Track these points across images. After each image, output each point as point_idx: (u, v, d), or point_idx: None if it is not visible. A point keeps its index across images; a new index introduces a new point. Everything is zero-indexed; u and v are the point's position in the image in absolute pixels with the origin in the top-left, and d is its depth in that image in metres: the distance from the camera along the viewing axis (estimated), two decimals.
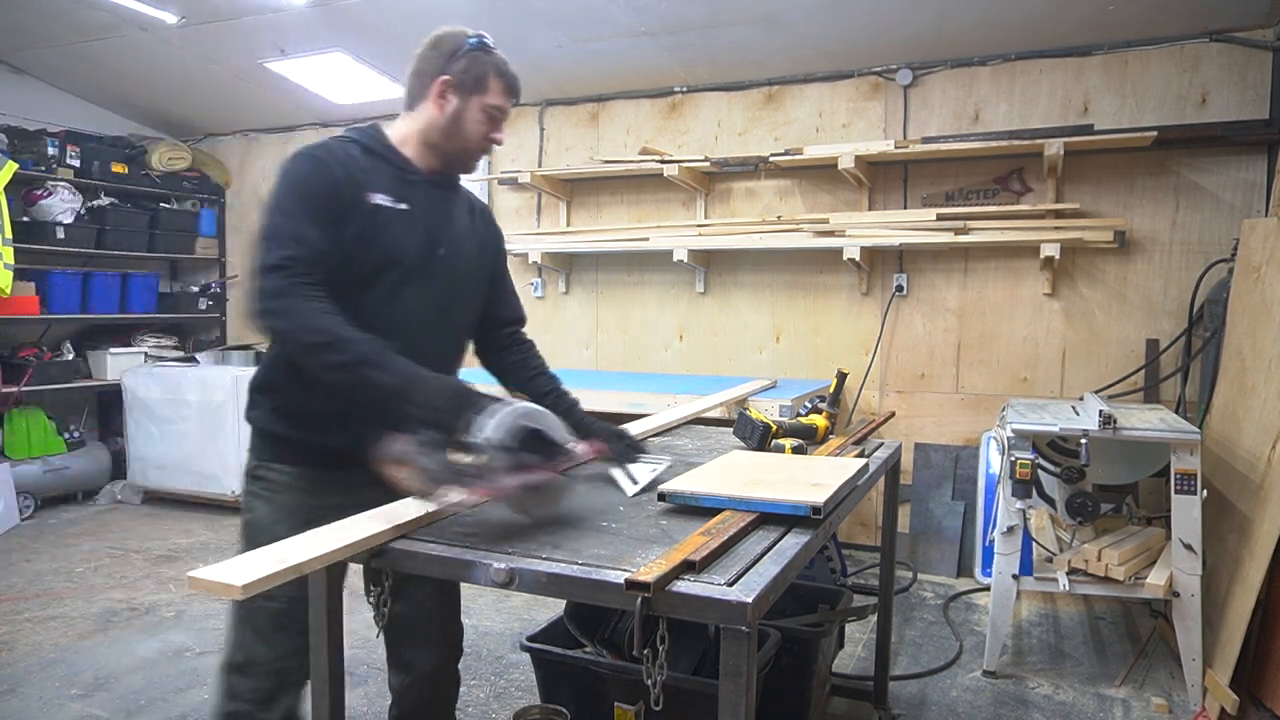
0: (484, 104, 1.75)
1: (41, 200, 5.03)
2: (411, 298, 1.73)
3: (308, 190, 1.62)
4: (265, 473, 1.76)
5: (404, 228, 1.72)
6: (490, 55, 1.77)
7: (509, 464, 1.39)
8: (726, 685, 1.15)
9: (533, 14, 3.98)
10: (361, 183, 1.67)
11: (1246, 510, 2.76)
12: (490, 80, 1.76)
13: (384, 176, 1.72)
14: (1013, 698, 2.81)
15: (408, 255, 1.72)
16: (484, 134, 1.78)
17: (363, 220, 1.66)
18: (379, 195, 1.68)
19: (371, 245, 1.68)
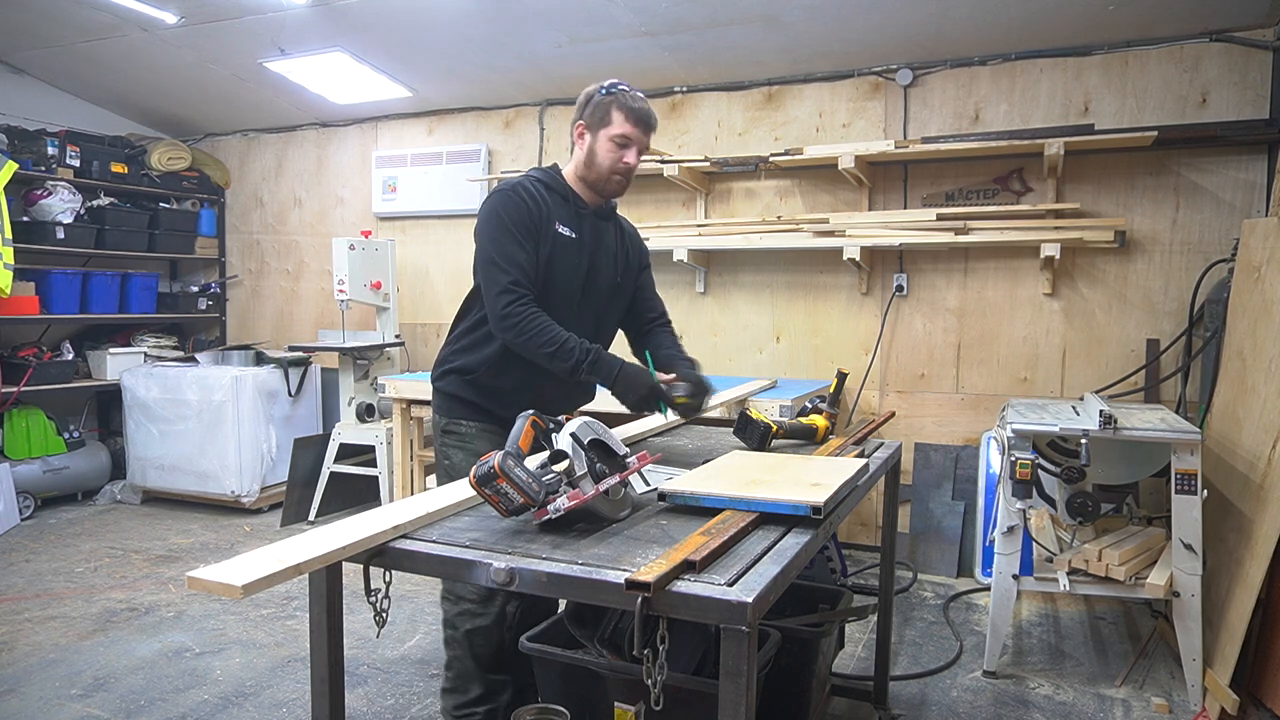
0: (610, 135, 2.13)
1: (41, 200, 5.03)
2: (575, 314, 2.16)
3: (515, 220, 2.06)
4: (457, 427, 2.23)
5: (576, 252, 2.16)
6: (613, 95, 2.17)
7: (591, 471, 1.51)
8: (726, 685, 1.15)
9: (533, 14, 3.98)
10: (550, 214, 2.12)
11: (1247, 510, 2.75)
12: (613, 113, 2.15)
13: (563, 210, 2.15)
14: (1013, 698, 2.80)
15: (578, 274, 2.16)
16: (615, 160, 2.14)
17: (551, 245, 2.11)
18: (563, 226, 2.13)
19: (555, 266, 2.12)
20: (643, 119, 2.17)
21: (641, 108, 2.18)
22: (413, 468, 4.46)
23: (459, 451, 2.23)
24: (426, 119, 5.32)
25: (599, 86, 2.20)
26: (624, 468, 1.58)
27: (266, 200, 5.97)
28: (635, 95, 2.18)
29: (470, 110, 5.16)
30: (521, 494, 1.40)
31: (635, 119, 2.15)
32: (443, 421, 2.26)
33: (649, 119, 2.19)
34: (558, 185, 2.19)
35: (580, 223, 2.18)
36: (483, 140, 5.14)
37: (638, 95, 2.19)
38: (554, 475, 1.47)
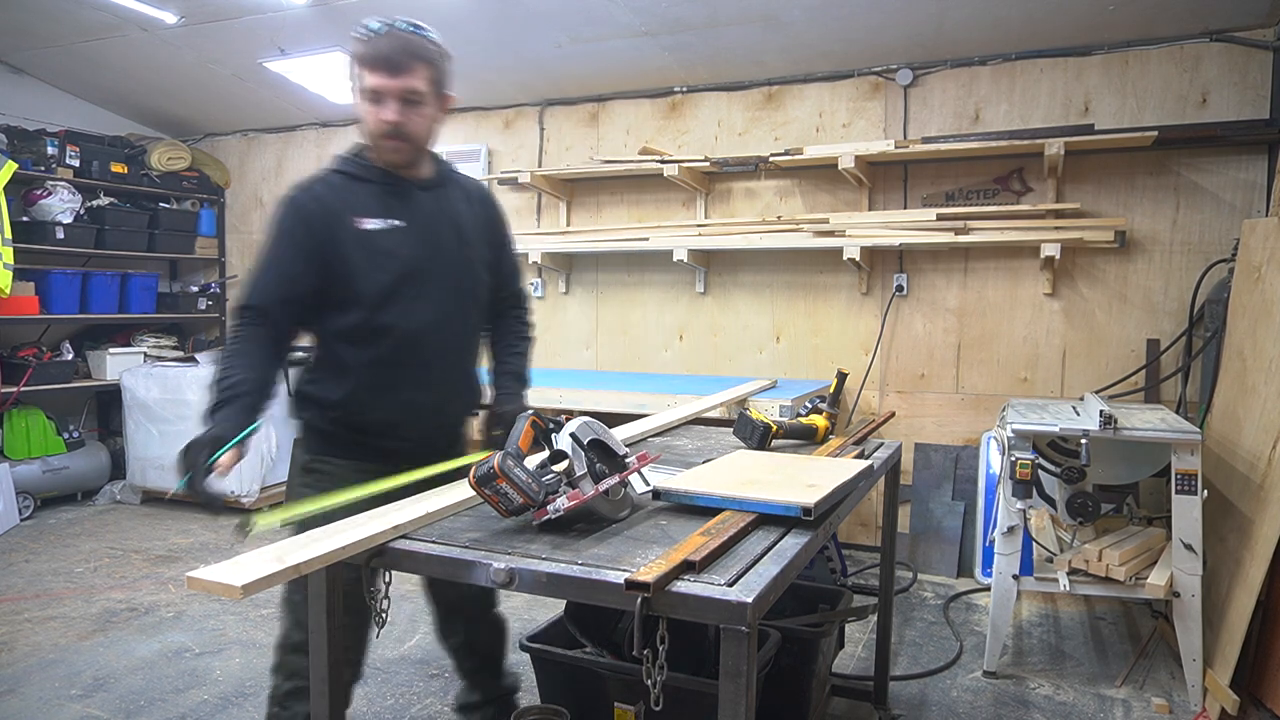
0: (362, 92, 1.76)
1: (41, 200, 5.03)
2: (425, 307, 1.85)
3: (282, 236, 1.78)
4: (320, 465, 1.90)
5: (400, 245, 1.82)
6: (353, 44, 1.76)
7: (590, 471, 1.50)
8: (726, 685, 1.15)
9: (533, 14, 3.98)
10: (347, 211, 1.79)
11: (1247, 510, 2.75)
12: (356, 68, 1.76)
13: (373, 198, 1.82)
14: (1013, 698, 2.80)
15: (409, 271, 1.83)
16: (375, 121, 1.77)
17: (355, 247, 1.78)
18: (369, 220, 1.80)
19: (368, 270, 1.79)
20: (383, 56, 1.72)
21: (382, 44, 1.72)
22: None
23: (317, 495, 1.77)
24: None
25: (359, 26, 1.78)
26: (624, 468, 1.58)
27: (267, 200, 5.97)
28: (375, 32, 1.74)
29: (470, 110, 5.16)
30: (521, 494, 1.40)
31: (374, 61, 1.72)
32: (304, 458, 1.91)
33: (389, 54, 1.72)
34: (361, 169, 1.84)
35: (401, 204, 1.84)
36: (483, 140, 5.14)
37: (380, 31, 1.74)
38: (554, 475, 1.47)
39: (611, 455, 1.60)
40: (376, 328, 1.82)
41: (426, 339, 1.87)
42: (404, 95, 1.75)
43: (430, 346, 1.88)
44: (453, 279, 1.91)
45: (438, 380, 1.91)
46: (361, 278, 1.79)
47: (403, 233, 1.83)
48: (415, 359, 1.86)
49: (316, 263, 1.77)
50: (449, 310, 1.91)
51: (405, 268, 1.83)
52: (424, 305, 1.85)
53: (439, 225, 1.89)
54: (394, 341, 1.83)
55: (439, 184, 1.92)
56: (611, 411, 3.73)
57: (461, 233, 1.93)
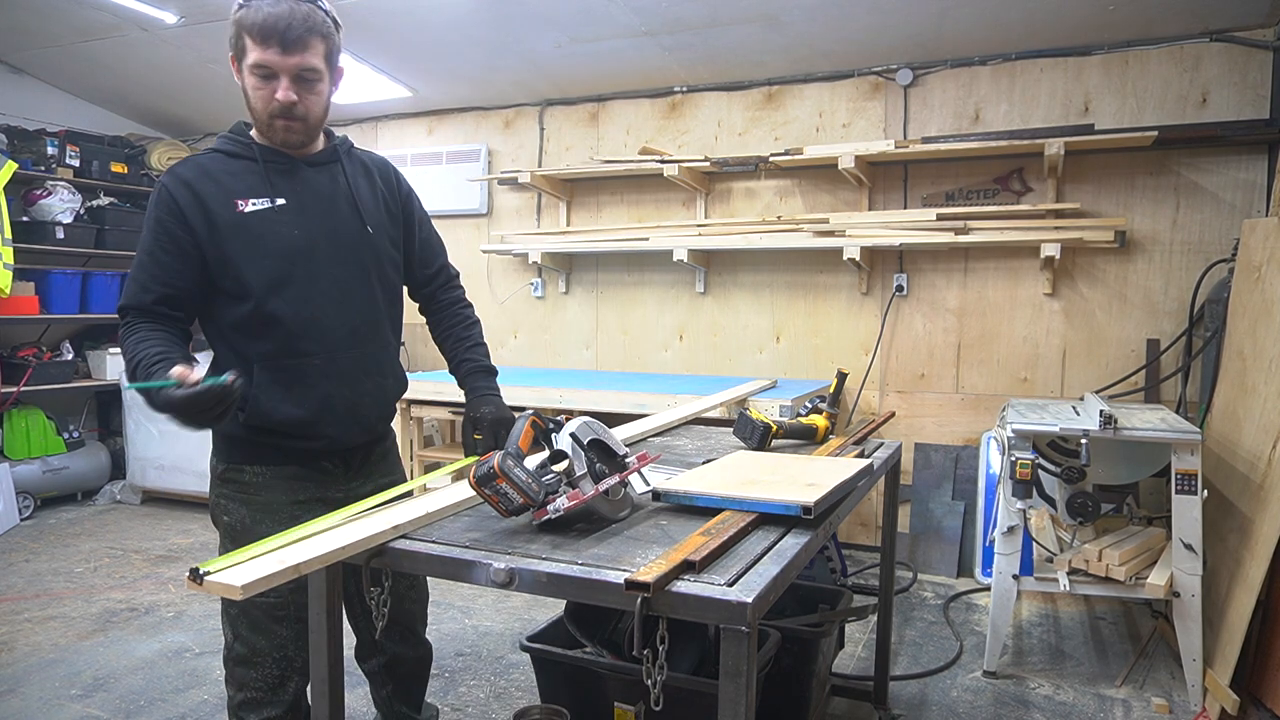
0: (249, 66, 1.61)
1: (41, 200, 5.03)
2: (322, 287, 1.73)
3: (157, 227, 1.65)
4: (237, 475, 1.77)
5: (286, 224, 1.69)
6: (240, 10, 1.60)
7: (590, 471, 1.49)
8: (726, 685, 1.15)
9: (533, 14, 3.98)
10: (225, 193, 1.66)
11: (1247, 510, 2.75)
12: (242, 39, 1.60)
13: (255, 176, 1.69)
14: (1013, 698, 2.80)
15: (299, 250, 1.70)
16: (265, 100, 1.63)
17: (236, 230, 1.65)
18: (251, 201, 1.67)
19: (251, 252, 1.66)
20: (273, 30, 1.56)
21: (271, 15, 1.55)
22: (413, 468, 4.46)
23: (242, 506, 1.76)
24: (426, 119, 5.32)
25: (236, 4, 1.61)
26: (624, 468, 1.58)
27: None
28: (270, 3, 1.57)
29: (470, 110, 5.16)
30: (521, 494, 1.40)
31: (263, 35, 1.56)
32: (219, 468, 1.79)
33: (282, 28, 1.56)
34: (240, 147, 1.71)
35: (284, 182, 1.71)
36: (483, 140, 5.14)
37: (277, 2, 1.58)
38: (553, 475, 1.47)
39: (611, 455, 1.60)
40: (269, 317, 1.68)
41: (329, 325, 1.73)
42: (299, 74, 1.61)
43: (335, 333, 1.75)
44: (352, 258, 1.77)
45: (348, 369, 1.77)
46: (245, 264, 1.66)
47: (288, 212, 1.69)
48: (319, 348, 1.73)
49: (194, 254, 1.65)
50: (352, 292, 1.77)
51: (293, 249, 1.69)
52: (321, 288, 1.72)
53: (331, 202, 1.75)
54: (291, 330, 1.70)
55: (330, 159, 1.79)
56: (611, 411, 3.73)
57: (360, 208, 1.79)
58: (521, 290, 5.11)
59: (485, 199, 5.16)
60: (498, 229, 5.11)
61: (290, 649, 1.78)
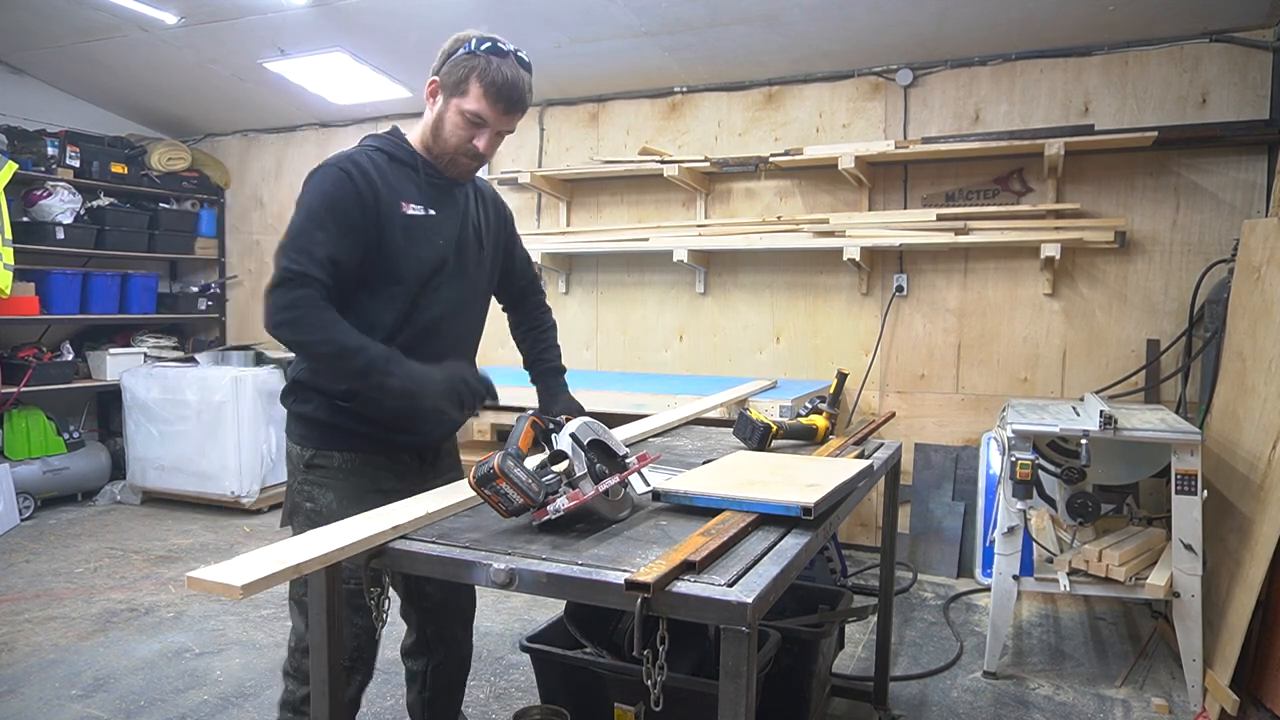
0: (462, 108, 1.73)
1: (41, 200, 5.03)
2: (447, 295, 1.85)
3: (331, 204, 1.68)
4: (325, 460, 1.82)
5: (435, 233, 1.81)
6: (478, 58, 1.71)
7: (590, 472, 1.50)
8: (726, 686, 1.15)
9: (533, 14, 3.98)
10: (393, 193, 1.75)
11: (1247, 511, 2.75)
12: (470, 84, 1.71)
13: (412, 184, 1.79)
14: (1013, 698, 2.80)
15: (442, 259, 1.82)
16: (463, 140, 1.76)
17: (400, 230, 1.75)
18: (412, 205, 1.77)
19: (409, 254, 1.77)
20: (505, 96, 1.71)
21: (508, 82, 1.71)
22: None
23: (329, 492, 1.80)
24: None
25: (470, 38, 1.75)
26: (624, 468, 1.58)
27: (266, 200, 5.97)
28: (508, 63, 1.72)
29: None
30: (521, 494, 1.40)
31: (495, 95, 1.71)
32: (306, 454, 1.82)
33: (514, 98, 1.73)
34: (403, 154, 1.80)
35: (436, 195, 1.82)
36: None
37: (511, 63, 1.72)
38: (553, 476, 1.47)
39: (611, 455, 1.60)
40: (410, 313, 1.79)
41: (445, 330, 1.86)
42: (501, 133, 1.79)
43: (447, 338, 1.87)
44: (471, 274, 1.92)
45: None
46: (404, 260, 1.77)
47: (435, 223, 1.81)
48: (434, 349, 1.80)
49: (362, 240, 1.71)
50: (466, 303, 1.93)
51: (437, 257, 1.82)
52: (447, 296, 1.85)
53: (464, 220, 1.90)
54: (419, 330, 1.81)
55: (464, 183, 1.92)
56: (611, 411, 3.73)
57: (479, 231, 1.94)
58: None
59: None
60: None
61: (363, 638, 1.84)
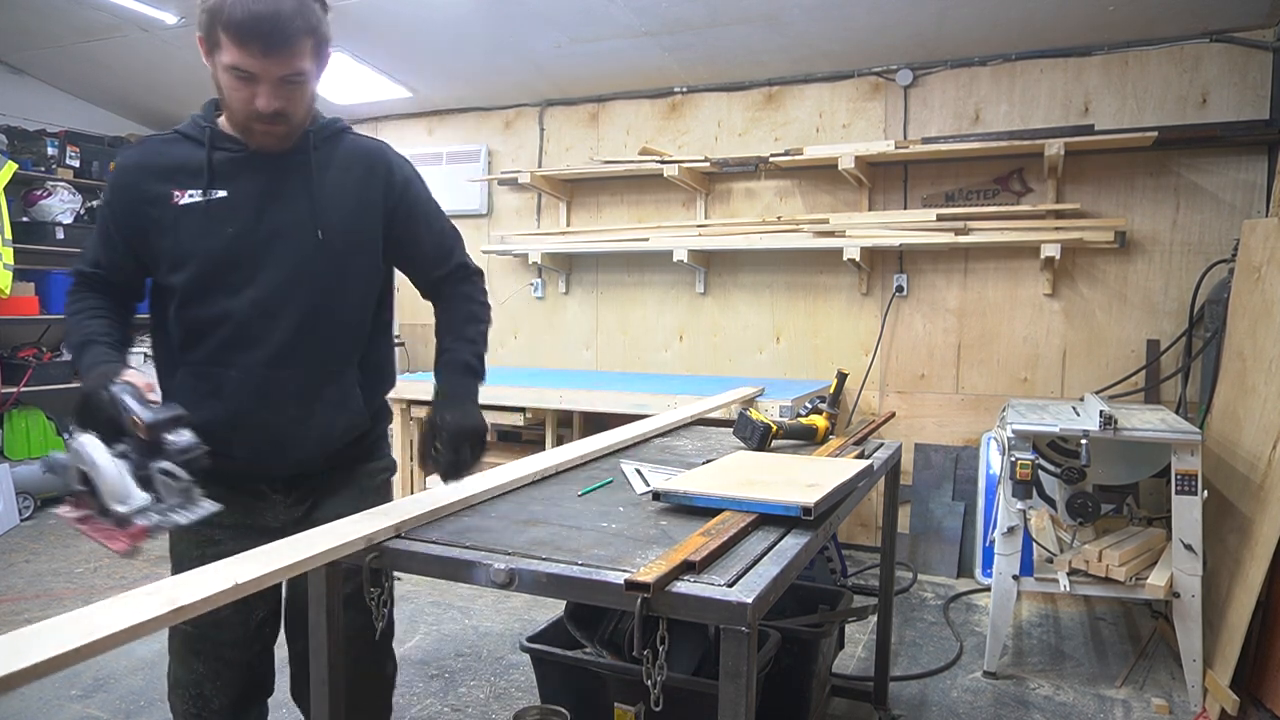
0: (222, 63, 1.43)
1: (41, 200, 5.03)
2: (255, 294, 1.53)
3: (107, 201, 1.57)
4: None
5: (221, 220, 1.50)
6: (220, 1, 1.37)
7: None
8: (726, 686, 1.15)
9: (533, 14, 3.98)
10: (166, 185, 1.51)
11: (1247, 511, 2.75)
12: (218, 32, 1.39)
13: (198, 164, 1.52)
14: (1013, 698, 2.80)
15: (232, 251, 1.51)
16: (244, 101, 1.45)
17: (172, 226, 1.50)
18: (189, 194, 1.50)
19: (180, 249, 1.51)
20: (256, 32, 1.36)
21: (253, 14, 1.35)
22: (412, 468, 4.45)
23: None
24: (426, 119, 5.32)
25: None
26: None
27: None
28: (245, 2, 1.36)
29: (470, 110, 5.16)
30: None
31: (243, 35, 1.37)
32: None
33: (266, 30, 1.36)
34: (194, 130, 1.55)
35: (233, 170, 1.52)
36: (483, 140, 5.14)
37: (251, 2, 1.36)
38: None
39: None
40: (193, 322, 1.53)
41: (260, 337, 1.53)
42: (285, 78, 1.43)
43: (264, 346, 1.54)
44: (297, 264, 1.54)
45: (269, 389, 1.55)
46: (172, 264, 1.51)
47: (226, 207, 1.50)
48: (243, 360, 1.54)
49: (129, 244, 1.54)
50: (289, 303, 1.55)
51: (225, 250, 1.50)
52: (250, 296, 1.52)
53: (281, 198, 1.53)
54: (217, 338, 1.53)
55: (301, 149, 1.55)
56: (611, 412, 3.73)
57: (316, 207, 1.55)
58: (521, 291, 5.11)
59: (485, 199, 5.16)
60: (498, 229, 5.11)
61: (205, 686, 1.65)
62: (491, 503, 1.63)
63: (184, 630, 1.63)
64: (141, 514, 1.21)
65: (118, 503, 1.21)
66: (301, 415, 1.58)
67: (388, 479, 1.83)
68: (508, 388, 4.04)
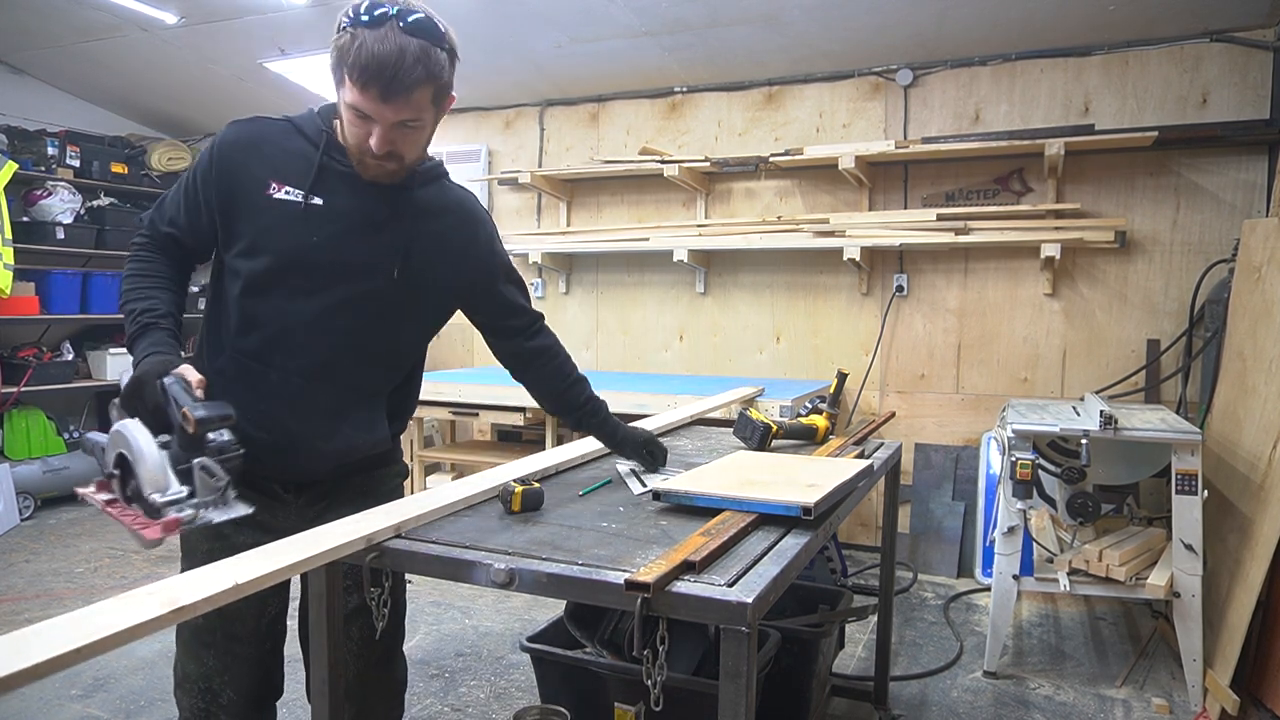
0: (345, 101, 1.42)
1: (41, 200, 5.03)
2: (306, 305, 1.52)
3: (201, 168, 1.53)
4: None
5: (308, 227, 1.49)
6: (346, 35, 1.37)
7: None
8: (726, 686, 1.15)
9: (533, 14, 3.98)
10: (263, 170, 1.49)
11: (1247, 510, 2.75)
12: (343, 71, 1.38)
13: (304, 164, 1.50)
14: (1013, 698, 2.80)
15: (306, 259, 1.50)
16: (359, 138, 1.44)
17: (260, 215, 1.49)
18: (286, 189, 1.49)
19: (263, 240, 1.50)
20: (376, 79, 1.36)
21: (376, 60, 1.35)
22: (413, 468, 4.46)
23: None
24: None
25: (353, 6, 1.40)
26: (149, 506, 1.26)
27: None
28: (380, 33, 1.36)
29: (470, 110, 5.16)
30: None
31: (364, 81, 1.36)
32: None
33: (386, 79, 1.36)
34: (312, 130, 1.53)
35: (336, 184, 1.50)
36: (483, 140, 5.14)
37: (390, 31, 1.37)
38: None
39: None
40: (249, 312, 1.52)
41: (305, 347, 1.53)
42: (400, 123, 1.44)
43: (305, 357, 1.53)
44: (368, 292, 1.54)
45: (308, 402, 1.54)
46: (244, 250, 1.51)
47: (317, 216, 1.49)
48: (283, 365, 1.53)
49: (213, 214, 1.52)
50: (347, 326, 1.54)
51: (300, 255, 1.50)
52: (312, 307, 1.52)
53: (372, 228, 1.53)
54: (265, 336, 1.53)
55: (406, 185, 1.55)
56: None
57: (399, 251, 1.55)
58: None
59: (485, 199, 5.16)
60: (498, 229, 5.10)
61: (214, 681, 1.63)
62: (491, 502, 1.63)
63: (195, 621, 1.58)
64: (176, 505, 1.22)
65: (156, 491, 1.21)
66: (326, 432, 1.58)
67: (400, 483, 1.82)
68: (508, 388, 4.04)
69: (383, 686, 1.76)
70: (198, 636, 1.62)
